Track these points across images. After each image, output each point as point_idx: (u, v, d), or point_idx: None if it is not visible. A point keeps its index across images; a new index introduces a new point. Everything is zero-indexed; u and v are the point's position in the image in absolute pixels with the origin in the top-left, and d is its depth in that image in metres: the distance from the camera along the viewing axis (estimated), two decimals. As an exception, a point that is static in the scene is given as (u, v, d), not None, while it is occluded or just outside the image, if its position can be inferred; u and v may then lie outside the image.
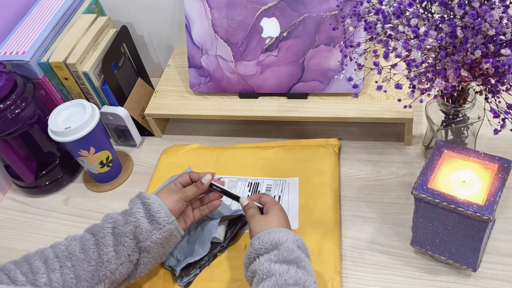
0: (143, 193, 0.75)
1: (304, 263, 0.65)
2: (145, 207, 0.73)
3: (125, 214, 0.74)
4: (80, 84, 0.97)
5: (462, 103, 0.75)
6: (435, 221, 0.69)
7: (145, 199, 0.73)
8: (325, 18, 0.92)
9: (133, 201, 0.75)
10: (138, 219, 0.71)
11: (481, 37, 0.58)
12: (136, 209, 0.73)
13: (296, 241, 0.67)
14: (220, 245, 0.82)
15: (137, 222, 0.71)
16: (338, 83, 0.93)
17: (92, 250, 0.71)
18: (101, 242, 0.71)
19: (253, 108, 0.97)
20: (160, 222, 0.72)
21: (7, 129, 0.89)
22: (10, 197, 1.03)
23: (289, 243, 0.66)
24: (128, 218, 0.72)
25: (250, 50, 0.97)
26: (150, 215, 0.72)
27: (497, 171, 0.67)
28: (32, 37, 0.95)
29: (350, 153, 0.95)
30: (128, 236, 0.71)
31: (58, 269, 0.69)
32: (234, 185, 0.91)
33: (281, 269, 0.63)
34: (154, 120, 1.04)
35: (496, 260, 0.74)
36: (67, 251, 0.71)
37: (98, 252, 0.71)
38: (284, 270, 0.63)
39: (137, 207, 0.73)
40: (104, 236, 0.71)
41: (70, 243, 0.72)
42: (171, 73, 1.10)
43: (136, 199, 0.75)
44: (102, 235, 0.72)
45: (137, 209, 0.72)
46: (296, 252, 0.66)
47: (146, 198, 0.74)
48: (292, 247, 0.66)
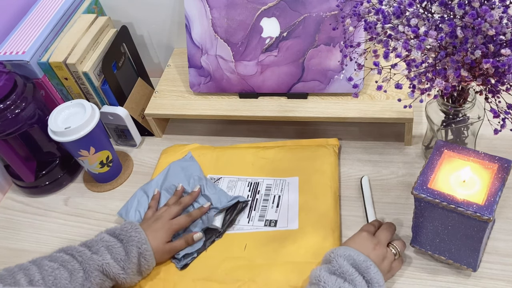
0: (145, 251, 0.76)
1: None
2: (139, 263, 0.76)
3: (123, 260, 0.75)
4: (80, 84, 0.97)
5: (462, 103, 0.75)
6: (435, 221, 0.69)
7: (142, 258, 0.76)
8: (325, 18, 0.92)
9: (131, 250, 0.75)
10: (127, 271, 0.75)
11: (481, 37, 0.58)
12: (130, 264, 0.75)
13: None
14: (217, 231, 0.83)
15: (125, 273, 0.75)
16: (338, 83, 0.93)
17: (81, 281, 0.73)
18: (88, 273, 0.73)
19: (253, 108, 0.97)
20: (142, 271, 0.77)
21: (7, 129, 0.89)
22: (10, 197, 1.03)
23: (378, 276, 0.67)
24: (125, 264, 0.75)
25: (250, 50, 0.97)
26: (139, 269, 0.76)
27: (497, 171, 0.67)
28: (32, 37, 0.95)
29: (350, 153, 0.95)
30: (99, 275, 0.74)
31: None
32: (234, 185, 0.91)
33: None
34: (154, 120, 1.04)
35: (496, 260, 0.74)
36: (53, 274, 0.71)
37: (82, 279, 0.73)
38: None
39: (133, 261, 0.75)
40: (92, 271, 0.73)
41: (58, 267, 0.72)
42: (171, 73, 1.10)
43: (136, 251, 0.76)
44: (90, 269, 0.73)
45: (131, 265, 0.75)
46: None
47: (144, 253, 0.76)
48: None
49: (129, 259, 0.75)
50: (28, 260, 0.73)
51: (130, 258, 0.75)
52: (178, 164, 0.94)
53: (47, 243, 0.92)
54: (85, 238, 0.91)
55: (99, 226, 0.92)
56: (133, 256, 0.75)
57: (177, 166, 0.94)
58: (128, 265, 0.75)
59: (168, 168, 0.93)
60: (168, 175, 0.92)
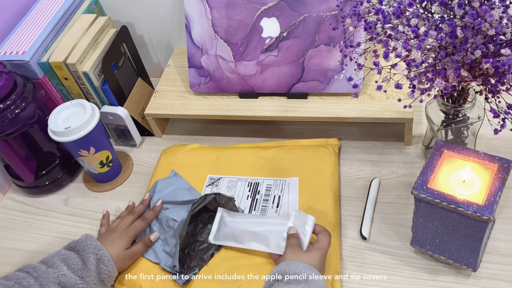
0: (103, 259, 0.75)
1: None
2: (98, 272, 0.75)
3: (80, 269, 0.74)
4: (80, 84, 0.97)
5: (462, 103, 0.75)
6: (435, 221, 0.69)
7: (102, 265, 0.75)
8: (325, 18, 0.92)
9: (87, 258, 0.75)
10: (86, 281, 0.74)
11: (481, 37, 0.58)
12: (88, 273, 0.74)
13: None
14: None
15: (84, 282, 0.73)
16: (338, 83, 0.93)
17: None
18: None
19: (253, 108, 0.97)
20: (103, 278, 0.76)
21: (7, 129, 0.89)
22: (10, 197, 1.03)
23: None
24: (83, 273, 0.74)
25: (250, 50, 0.97)
26: (99, 278, 0.75)
27: (497, 171, 0.67)
28: (32, 37, 0.95)
29: (350, 153, 0.95)
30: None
31: None
32: (234, 185, 0.91)
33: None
34: (154, 120, 1.04)
35: (496, 260, 0.74)
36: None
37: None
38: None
39: (92, 269, 0.74)
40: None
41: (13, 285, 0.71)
42: (171, 73, 1.10)
43: (94, 259, 0.75)
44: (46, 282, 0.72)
45: (90, 274, 0.74)
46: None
47: (104, 265, 0.75)
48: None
49: (86, 267, 0.74)
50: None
51: (88, 266, 0.74)
52: (164, 180, 0.93)
53: (47, 243, 0.92)
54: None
55: (99, 226, 0.92)
56: (90, 264, 0.74)
57: (163, 182, 0.92)
58: (86, 273, 0.74)
59: (155, 185, 0.91)
60: (156, 191, 0.90)
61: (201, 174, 0.94)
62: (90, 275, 0.74)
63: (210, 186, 0.92)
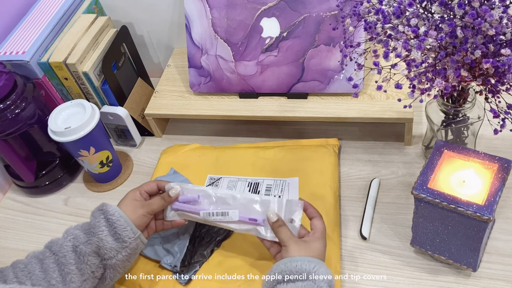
0: (107, 206, 0.71)
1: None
2: (109, 224, 0.69)
3: (88, 232, 0.70)
4: (80, 84, 0.97)
5: (462, 103, 0.75)
6: (435, 221, 0.69)
7: (108, 215, 0.70)
8: (325, 18, 0.92)
9: (95, 216, 0.70)
10: (102, 239, 0.68)
11: (481, 37, 0.58)
12: (99, 228, 0.69)
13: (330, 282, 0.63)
14: (216, 240, 0.82)
15: (100, 243, 0.68)
16: (338, 83, 0.93)
17: (53, 269, 0.68)
18: (61, 262, 0.68)
19: (253, 108, 0.97)
20: (126, 240, 0.69)
21: (7, 129, 0.89)
22: (10, 197, 1.03)
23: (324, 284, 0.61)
24: (91, 238, 0.69)
25: (250, 50, 0.97)
26: (115, 233, 0.69)
27: (497, 171, 0.67)
28: (32, 37, 0.95)
29: (350, 153, 0.95)
30: (91, 255, 0.69)
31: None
32: (234, 185, 0.91)
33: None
34: (154, 120, 1.04)
35: (496, 260, 0.74)
36: (26, 269, 0.68)
37: (59, 271, 0.68)
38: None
39: (101, 224, 0.69)
40: (64, 255, 0.68)
41: (30, 261, 0.69)
42: (171, 73, 1.10)
43: (99, 214, 0.70)
44: (62, 254, 0.68)
45: (101, 228, 0.69)
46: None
47: (110, 214, 0.70)
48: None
49: (95, 228, 0.69)
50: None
51: (98, 226, 0.69)
52: (163, 178, 0.92)
53: (47, 243, 0.92)
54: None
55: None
56: (99, 223, 0.69)
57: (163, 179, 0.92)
58: (94, 230, 0.69)
59: None
60: None
61: (201, 174, 0.94)
62: (106, 236, 0.69)
63: (210, 186, 0.92)
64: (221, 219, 0.73)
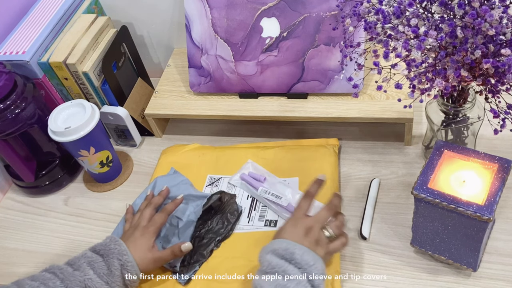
0: (124, 254, 0.74)
1: None
2: (122, 276, 0.74)
3: (106, 274, 0.73)
4: (80, 84, 0.98)
5: (462, 103, 0.75)
6: (435, 221, 0.69)
7: (125, 266, 0.74)
8: (325, 18, 0.92)
9: (111, 257, 0.74)
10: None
11: (481, 37, 0.58)
12: (114, 277, 0.73)
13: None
14: (216, 240, 0.82)
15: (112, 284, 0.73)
16: (338, 83, 0.93)
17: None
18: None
19: (253, 108, 0.97)
20: (127, 284, 0.75)
21: (7, 129, 0.89)
22: (10, 197, 1.03)
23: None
24: (109, 278, 0.73)
25: (250, 50, 0.97)
26: (124, 283, 0.75)
27: (497, 171, 0.67)
28: (32, 37, 0.95)
29: (350, 153, 0.95)
30: None
31: None
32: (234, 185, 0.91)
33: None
34: (154, 120, 1.04)
35: (496, 260, 0.74)
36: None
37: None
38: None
39: (117, 280, 0.74)
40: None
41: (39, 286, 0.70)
42: (171, 73, 1.10)
43: (116, 261, 0.74)
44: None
45: (116, 279, 0.74)
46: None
47: (126, 265, 0.74)
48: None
49: (111, 273, 0.73)
50: (12, 281, 0.71)
51: (113, 272, 0.73)
52: (164, 178, 0.92)
53: (47, 243, 0.92)
54: (85, 238, 0.91)
55: (99, 226, 0.92)
56: (115, 269, 0.73)
57: (163, 179, 0.92)
58: (111, 279, 0.73)
59: (155, 182, 0.91)
60: (155, 188, 0.90)
61: (201, 174, 0.94)
62: (116, 280, 0.73)
63: (210, 186, 0.92)
64: (273, 199, 0.85)
